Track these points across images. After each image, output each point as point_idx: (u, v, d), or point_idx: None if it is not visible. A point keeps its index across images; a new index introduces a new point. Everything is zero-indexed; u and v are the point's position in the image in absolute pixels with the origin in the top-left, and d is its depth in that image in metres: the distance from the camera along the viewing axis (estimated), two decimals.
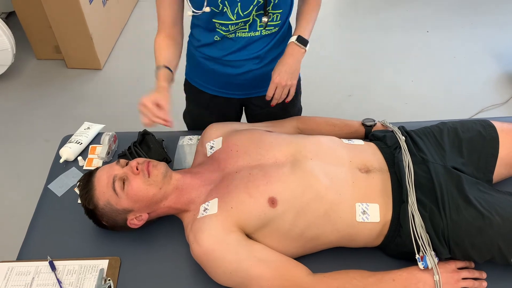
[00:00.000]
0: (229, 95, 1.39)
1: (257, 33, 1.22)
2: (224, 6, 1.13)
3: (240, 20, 1.16)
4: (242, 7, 1.14)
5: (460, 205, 1.04)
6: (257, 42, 1.25)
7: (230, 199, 1.06)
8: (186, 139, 1.43)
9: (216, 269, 1.02)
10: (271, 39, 1.26)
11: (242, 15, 1.15)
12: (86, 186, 1.12)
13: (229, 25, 1.18)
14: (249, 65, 1.29)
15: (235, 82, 1.34)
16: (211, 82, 1.37)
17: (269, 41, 1.26)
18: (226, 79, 1.33)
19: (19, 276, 1.11)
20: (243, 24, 1.19)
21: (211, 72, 1.32)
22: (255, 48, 1.26)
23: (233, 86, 1.36)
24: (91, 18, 2.68)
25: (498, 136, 1.17)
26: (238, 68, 1.29)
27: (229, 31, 1.20)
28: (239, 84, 1.34)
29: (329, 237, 1.07)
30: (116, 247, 1.17)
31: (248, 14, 1.15)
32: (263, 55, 1.28)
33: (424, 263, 1.00)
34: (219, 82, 1.35)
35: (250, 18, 1.17)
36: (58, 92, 2.75)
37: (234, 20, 1.16)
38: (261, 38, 1.24)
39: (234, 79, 1.32)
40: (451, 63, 2.87)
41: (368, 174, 1.11)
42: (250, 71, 1.30)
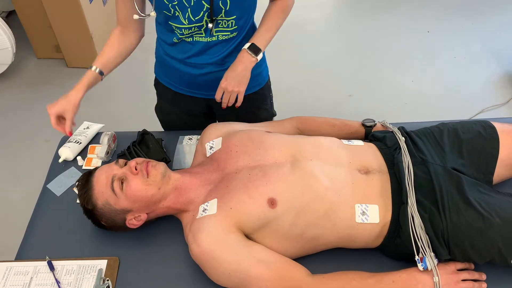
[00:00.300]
0: (193, 94, 1.40)
1: (213, 38, 1.23)
2: (175, 10, 1.15)
3: (192, 24, 1.18)
4: (193, 13, 1.15)
5: (460, 206, 1.04)
6: (216, 47, 1.26)
7: (230, 200, 1.06)
8: (186, 139, 1.43)
9: (215, 269, 1.02)
10: (230, 44, 1.26)
11: (193, 20, 1.17)
12: (85, 186, 1.12)
13: (183, 28, 1.19)
14: (210, 68, 1.30)
15: (197, 82, 1.35)
16: (175, 80, 1.39)
17: (228, 46, 1.26)
18: (189, 78, 1.34)
19: (17, 276, 1.11)
20: (198, 29, 1.20)
21: (175, 70, 1.34)
22: (214, 53, 1.27)
23: (196, 85, 1.36)
24: (91, 18, 2.68)
25: (498, 137, 1.17)
26: (199, 69, 1.30)
27: (183, 34, 1.21)
28: (202, 84, 1.35)
29: (328, 238, 1.07)
30: (115, 247, 1.17)
31: (200, 19, 1.17)
32: (222, 59, 1.28)
33: (424, 264, 1.00)
34: (183, 80, 1.37)
35: (203, 23, 1.18)
36: (58, 91, 2.74)
37: (187, 25, 1.18)
38: (219, 43, 1.25)
39: (197, 79, 1.34)
40: (451, 64, 2.86)
41: (368, 175, 1.11)
42: (211, 72, 1.31)
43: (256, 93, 1.42)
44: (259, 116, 1.49)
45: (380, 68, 2.86)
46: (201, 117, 1.51)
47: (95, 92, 2.83)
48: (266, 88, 1.46)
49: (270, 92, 1.52)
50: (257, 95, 1.43)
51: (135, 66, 2.93)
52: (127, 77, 2.82)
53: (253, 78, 1.32)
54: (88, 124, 1.50)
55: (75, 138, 1.43)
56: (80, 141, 1.42)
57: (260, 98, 1.46)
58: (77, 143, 1.41)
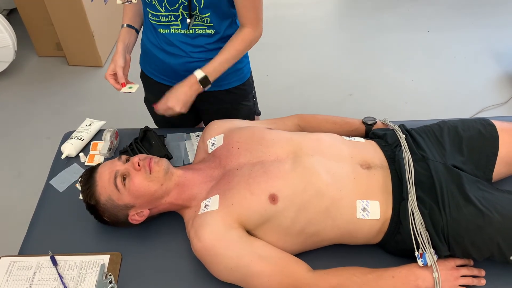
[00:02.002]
0: (173, 84, 1.37)
1: (191, 31, 1.25)
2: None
3: (169, 13, 1.20)
4: (169, 3, 1.18)
5: (460, 203, 1.04)
6: (194, 40, 1.28)
7: (231, 196, 1.07)
8: (193, 135, 1.44)
9: (217, 265, 1.03)
10: (209, 39, 1.28)
11: (170, 9, 1.19)
12: (87, 182, 1.13)
13: (160, 16, 1.21)
14: (189, 58, 1.31)
15: (177, 72, 1.35)
16: (156, 69, 1.41)
17: (207, 41, 1.28)
18: (169, 67, 1.36)
19: (20, 271, 1.12)
20: (174, 19, 1.21)
21: (155, 58, 1.36)
22: (192, 46, 1.29)
23: (177, 76, 1.35)
24: (92, 16, 2.68)
25: (498, 135, 1.18)
26: (180, 58, 1.32)
27: (160, 21, 1.23)
28: (182, 75, 1.34)
29: (329, 234, 1.08)
30: (117, 242, 1.18)
31: (176, 9, 1.19)
32: (203, 53, 1.30)
33: (424, 260, 1.01)
34: (163, 69, 1.39)
35: (179, 14, 1.20)
36: (59, 89, 2.76)
37: (164, 12, 1.20)
38: (197, 37, 1.27)
39: (176, 68, 1.35)
40: (451, 63, 2.87)
41: (369, 170, 1.11)
42: (191, 62, 1.32)
43: (236, 88, 1.45)
44: (241, 112, 1.51)
45: (380, 67, 2.86)
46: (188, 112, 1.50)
47: (97, 89, 2.85)
48: (247, 84, 1.48)
49: (252, 90, 1.54)
50: (238, 90, 1.46)
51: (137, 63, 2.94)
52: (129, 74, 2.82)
53: (233, 73, 1.37)
54: (90, 121, 1.51)
55: (77, 134, 1.44)
56: (82, 137, 1.43)
57: (241, 93, 1.48)
58: (80, 139, 1.42)
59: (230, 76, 1.39)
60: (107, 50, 2.94)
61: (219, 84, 1.37)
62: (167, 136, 1.44)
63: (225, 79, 1.37)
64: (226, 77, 1.36)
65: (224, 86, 1.41)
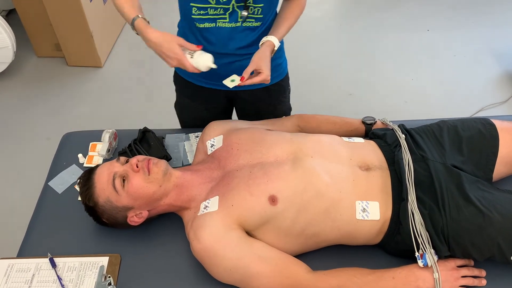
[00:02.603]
0: (214, 86, 1.38)
1: (238, 24, 1.21)
2: None
3: (219, 5, 1.15)
4: None
5: (460, 203, 1.04)
6: (240, 34, 1.23)
7: (231, 197, 1.06)
8: (192, 136, 1.43)
9: (216, 266, 1.03)
10: (255, 33, 1.25)
11: (221, 1, 1.14)
12: (86, 183, 1.12)
13: (208, 8, 1.16)
14: (233, 57, 1.28)
15: (219, 73, 1.33)
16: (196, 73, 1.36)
17: (252, 34, 1.25)
18: (211, 69, 1.32)
19: (19, 273, 1.11)
20: (223, 12, 1.17)
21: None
22: (237, 40, 1.24)
23: (218, 77, 1.33)
24: (91, 16, 2.68)
25: (498, 134, 1.17)
26: (221, 58, 1.26)
27: (207, 14, 1.17)
28: (224, 75, 1.33)
29: (329, 235, 1.08)
30: (116, 244, 1.18)
31: (228, 2, 1.14)
32: (246, 48, 1.26)
33: (424, 261, 1.01)
34: (204, 72, 1.34)
35: (229, 7, 1.16)
36: (59, 90, 2.75)
37: (213, 4, 1.15)
38: (243, 31, 1.23)
39: (219, 69, 1.32)
40: (451, 62, 2.87)
41: (369, 172, 1.11)
42: (234, 62, 1.29)
43: (276, 84, 1.41)
44: (278, 109, 1.48)
45: (380, 67, 2.86)
46: (220, 113, 1.50)
47: (96, 90, 2.85)
48: (285, 79, 1.45)
49: (289, 85, 1.51)
50: (278, 86, 1.43)
51: (137, 64, 2.94)
52: (128, 75, 2.82)
53: (274, 68, 1.30)
54: None
55: None
56: None
57: (280, 90, 1.45)
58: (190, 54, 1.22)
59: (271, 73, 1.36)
60: (106, 51, 2.94)
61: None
62: (166, 137, 1.44)
63: None
64: None
65: (263, 83, 1.36)
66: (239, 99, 1.45)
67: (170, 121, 1.72)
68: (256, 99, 1.41)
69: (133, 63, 2.90)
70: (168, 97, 2.68)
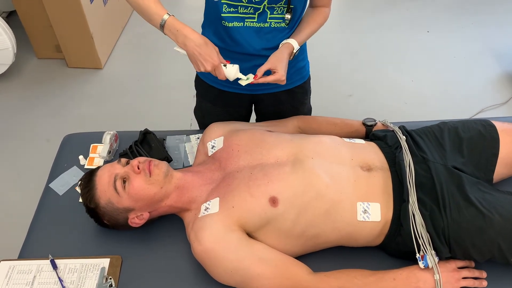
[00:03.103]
0: (238, 90, 1.37)
1: (266, 24, 1.19)
2: None
3: (250, 4, 1.14)
4: None
5: (460, 205, 1.04)
6: (267, 35, 1.22)
7: (232, 198, 1.06)
8: (193, 137, 1.44)
9: (217, 267, 1.03)
10: (281, 34, 1.23)
11: (254, 0, 1.13)
12: (87, 185, 1.12)
13: (239, 6, 1.14)
14: (260, 60, 1.24)
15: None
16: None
17: (279, 35, 1.23)
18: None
19: (20, 275, 1.11)
20: (253, 12, 1.16)
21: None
22: (267, 40, 1.23)
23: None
24: (91, 17, 2.68)
25: (498, 136, 1.17)
26: (247, 62, 1.25)
27: (237, 12, 1.16)
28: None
29: (329, 236, 1.08)
30: (117, 246, 1.18)
31: (260, 2, 1.13)
32: (272, 49, 1.23)
33: (425, 262, 1.01)
34: None
35: (260, 7, 1.15)
36: (59, 92, 2.75)
37: (245, 3, 1.13)
38: (270, 31, 1.21)
39: (244, 72, 1.31)
40: (451, 63, 2.87)
41: (370, 173, 1.11)
42: (258, 65, 1.25)
43: (300, 86, 1.41)
44: (300, 111, 1.47)
45: (380, 68, 2.86)
46: (241, 116, 1.49)
47: (96, 91, 2.85)
48: (308, 81, 1.45)
49: (310, 87, 1.50)
50: (301, 89, 1.42)
51: (137, 66, 2.94)
52: (128, 77, 2.82)
53: (296, 72, 1.32)
54: None
55: None
56: None
57: (303, 92, 1.44)
58: None
59: (294, 75, 1.34)
60: (106, 52, 2.94)
61: (281, 85, 1.30)
62: (167, 139, 1.44)
63: (288, 78, 1.28)
64: (289, 77, 1.29)
65: (287, 86, 1.33)
66: (262, 101, 1.44)
67: (171, 122, 1.72)
68: (279, 102, 1.40)
69: (134, 65, 2.91)
70: (169, 99, 2.70)
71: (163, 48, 3.04)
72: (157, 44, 3.07)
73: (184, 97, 2.62)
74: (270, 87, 1.36)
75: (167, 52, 2.99)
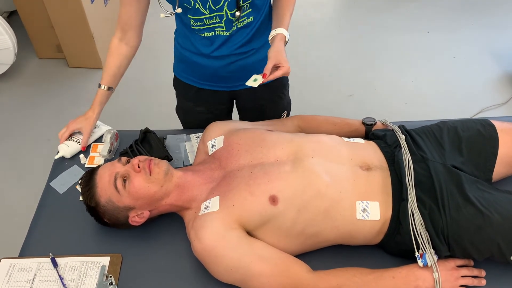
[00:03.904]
0: (216, 88, 1.40)
1: (233, 28, 1.23)
2: (195, 2, 1.15)
3: (213, 13, 1.18)
4: (213, 2, 1.15)
5: (459, 204, 1.04)
6: (236, 34, 1.25)
7: (232, 197, 1.07)
8: (193, 136, 1.44)
9: (217, 266, 1.03)
10: (249, 29, 1.26)
11: (214, 9, 1.17)
12: (88, 184, 1.13)
13: (204, 18, 1.19)
14: (233, 57, 1.30)
15: (220, 75, 1.35)
16: (196, 75, 1.39)
17: (247, 32, 1.26)
18: (212, 71, 1.34)
19: (21, 273, 1.12)
20: (219, 20, 1.19)
21: (196, 65, 1.33)
22: (235, 41, 1.26)
23: (219, 78, 1.36)
24: (92, 17, 2.69)
25: (497, 135, 1.18)
26: (222, 60, 1.30)
27: (204, 24, 1.20)
28: (225, 76, 1.35)
29: (329, 235, 1.08)
30: (118, 244, 1.18)
31: (220, 8, 1.16)
32: (245, 46, 1.28)
33: (424, 260, 1.01)
34: (205, 74, 1.36)
35: (223, 13, 1.18)
36: (60, 91, 2.76)
37: (208, 14, 1.17)
38: (239, 30, 1.24)
39: (220, 71, 1.33)
40: (451, 63, 2.87)
41: (369, 172, 1.11)
42: (234, 62, 1.31)
43: (277, 80, 1.41)
44: (279, 105, 1.50)
45: (380, 68, 2.87)
46: (223, 113, 1.52)
47: None
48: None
49: (288, 80, 1.52)
50: (278, 82, 1.44)
51: (137, 65, 2.94)
52: (129, 76, 2.82)
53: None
54: (97, 124, 1.50)
55: (77, 137, 1.44)
56: (80, 140, 1.43)
57: (281, 85, 1.47)
58: (78, 142, 1.42)
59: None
60: (107, 52, 2.95)
61: None
62: (167, 138, 1.45)
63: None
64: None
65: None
66: (241, 98, 1.46)
67: (171, 121, 1.73)
68: (257, 96, 1.43)
69: (134, 64, 2.90)
70: (169, 98, 2.69)
71: (163, 47, 3.04)
72: (157, 44, 3.08)
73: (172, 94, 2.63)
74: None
75: (166, 51, 3.00)
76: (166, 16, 1.19)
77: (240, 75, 1.33)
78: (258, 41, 1.31)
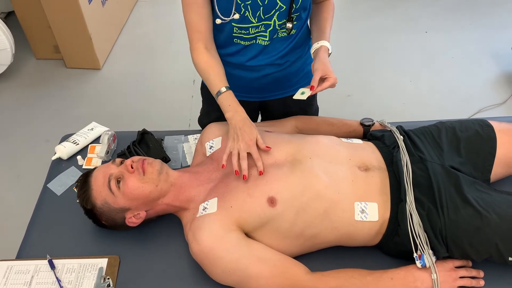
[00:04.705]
0: (247, 98, 1.38)
1: (274, 36, 1.21)
2: (246, 10, 1.12)
3: (260, 22, 1.15)
4: (264, 11, 1.13)
5: (458, 204, 1.04)
6: (277, 44, 1.23)
7: (230, 198, 1.06)
8: (191, 138, 1.44)
9: (215, 267, 1.03)
10: (289, 42, 1.24)
11: (263, 18, 1.14)
12: (83, 186, 1.13)
13: (250, 27, 1.16)
14: (268, 69, 1.28)
15: (254, 86, 1.33)
16: (230, 86, 1.35)
17: (287, 44, 1.24)
18: (245, 82, 1.31)
19: (18, 275, 1.11)
20: (264, 29, 1.17)
21: (229, 76, 1.25)
22: (272, 51, 1.24)
23: (251, 89, 1.35)
24: (90, 18, 2.68)
25: (495, 135, 1.18)
26: (257, 72, 1.28)
27: (249, 33, 1.18)
28: (258, 87, 1.33)
29: (327, 236, 1.08)
30: (115, 246, 1.18)
31: (270, 17, 1.15)
32: (282, 58, 1.26)
33: (422, 261, 1.01)
34: (237, 85, 1.30)
35: (271, 23, 1.16)
36: (57, 92, 2.75)
37: (255, 23, 1.15)
38: (279, 41, 1.23)
39: (253, 82, 1.31)
40: (449, 64, 2.87)
41: (368, 173, 1.11)
42: (269, 74, 1.29)
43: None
44: (307, 112, 1.48)
45: (378, 69, 2.87)
46: None
47: (95, 92, 2.84)
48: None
49: None
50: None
51: (135, 66, 2.94)
52: (127, 77, 2.82)
53: (304, 76, 1.35)
54: (94, 125, 1.49)
55: (74, 138, 1.43)
56: (78, 142, 1.42)
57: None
58: (75, 143, 1.41)
59: (303, 79, 1.36)
60: (105, 53, 2.94)
61: (289, 90, 1.37)
62: (165, 139, 1.44)
63: (298, 82, 1.35)
64: (298, 81, 1.35)
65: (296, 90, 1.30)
66: (271, 107, 1.45)
67: (169, 122, 1.72)
68: (284, 106, 1.42)
69: (132, 65, 2.91)
70: (167, 99, 2.70)
71: (161, 48, 3.04)
72: (155, 45, 3.08)
73: (182, 97, 2.62)
74: (278, 93, 1.38)
75: (165, 52, 3.00)
76: (222, 22, 1.15)
77: (273, 86, 1.33)
78: (294, 53, 1.28)
